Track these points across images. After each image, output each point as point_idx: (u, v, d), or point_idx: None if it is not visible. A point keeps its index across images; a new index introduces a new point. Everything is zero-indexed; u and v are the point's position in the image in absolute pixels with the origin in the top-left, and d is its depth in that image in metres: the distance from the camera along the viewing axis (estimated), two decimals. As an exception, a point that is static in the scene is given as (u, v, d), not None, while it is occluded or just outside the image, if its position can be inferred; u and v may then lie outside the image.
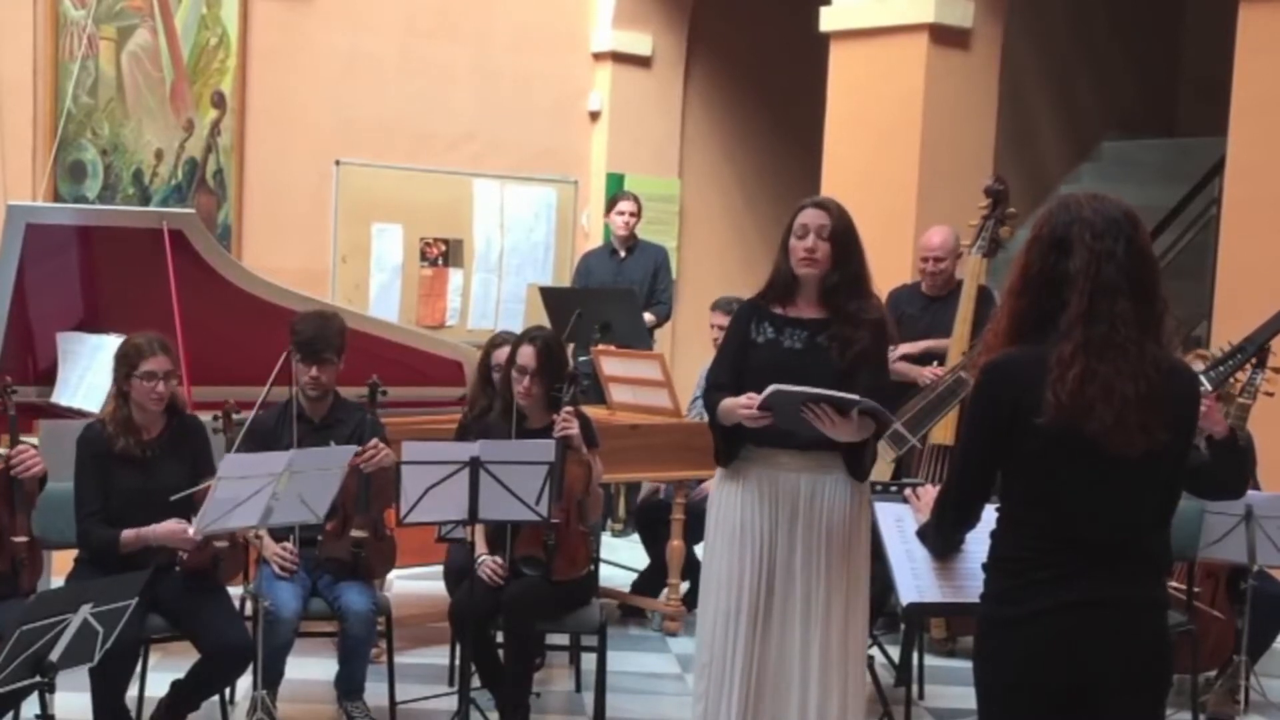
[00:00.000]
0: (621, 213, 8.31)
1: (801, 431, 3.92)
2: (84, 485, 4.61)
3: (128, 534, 4.50)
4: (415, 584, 6.70)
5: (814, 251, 4.05)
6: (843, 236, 4.08)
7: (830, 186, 8.48)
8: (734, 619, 4.08)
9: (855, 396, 3.84)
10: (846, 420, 3.84)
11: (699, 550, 5.05)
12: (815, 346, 4.05)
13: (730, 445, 4.14)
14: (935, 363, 6.28)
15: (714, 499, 4.24)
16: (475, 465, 4.41)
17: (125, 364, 4.63)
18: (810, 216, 4.08)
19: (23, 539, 4.38)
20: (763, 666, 4.09)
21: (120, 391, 4.66)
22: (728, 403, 4.01)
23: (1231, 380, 5.20)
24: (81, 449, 4.64)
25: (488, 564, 4.84)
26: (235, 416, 4.84)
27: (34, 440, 5.30)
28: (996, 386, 2.85)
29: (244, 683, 4.73)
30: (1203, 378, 3.60)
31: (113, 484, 4.61)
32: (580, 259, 8.84)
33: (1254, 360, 5.28)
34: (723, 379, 4.11)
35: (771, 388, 3.84)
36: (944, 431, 5.99)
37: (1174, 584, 5.29)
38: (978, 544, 3.05)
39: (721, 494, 4.19)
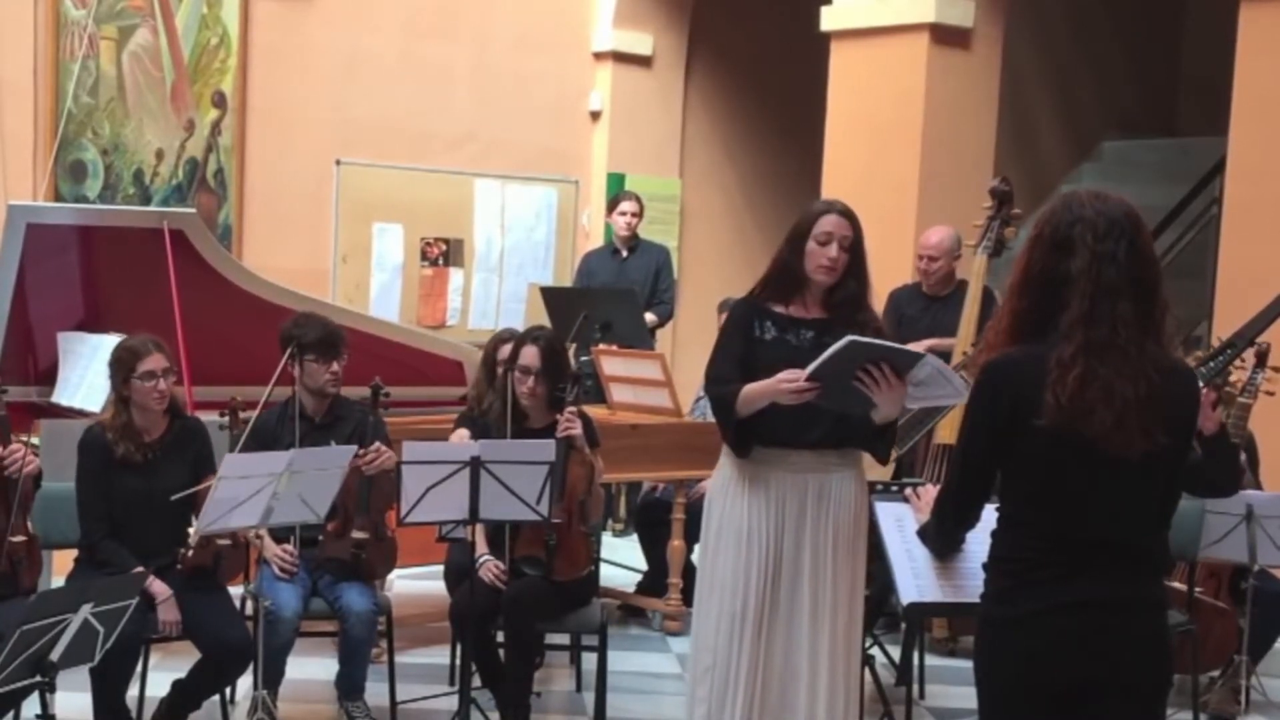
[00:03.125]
0: (624, 213, 8.30)
1: (849, 409, 3.86)
2: (87, 491, 4.61)
3: (141, 573, 4.36)
4: (416, 584, 6.71)
5: (836, 261, 4.01)
6: (859, 247, 4.07)
7: (830, 186, 8.48)
8: (739, 622, 4.04)
9: (922, 352, 3.79)
10: (901, 386, 3.78)
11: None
12: (822, 346, 4.00)
13: (746, 438, 4.07)
14: (938, 362, 6.27)
15: (715, 500, 4.18)
16: (476, 465, 4.42)
17: (123, 368, 4.62)
18: (835, 225, 4.02)
19: (21, 538, 4.37)
20: (768, 669, 4.07)
21: (120, 397, 4.64)
22: (756, 387, 3.92)
23: (1232, 380, 5.21)
24: (83, 455, 4.63)
25: (489, 567, 4.84)
26: (242, 415, 4.84)
27: (34, 440, 5.31)
28: (996, 386, 2.84)
29: (244, 683, 4.74)
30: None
31: (114, 488, 4.61)
32: (582, 259, 8.84)
33: (1255, 360, 5.29)
34: (727, 374, 4.04)
35: (848, 339, 3.73)
36: (947, 431, 5.99)
37: (1175, 584, 5.30)
38: (978, 544, 3.04)
39: (725, 496, 4.14)
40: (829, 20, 8.61)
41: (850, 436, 4.06)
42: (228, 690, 4.79)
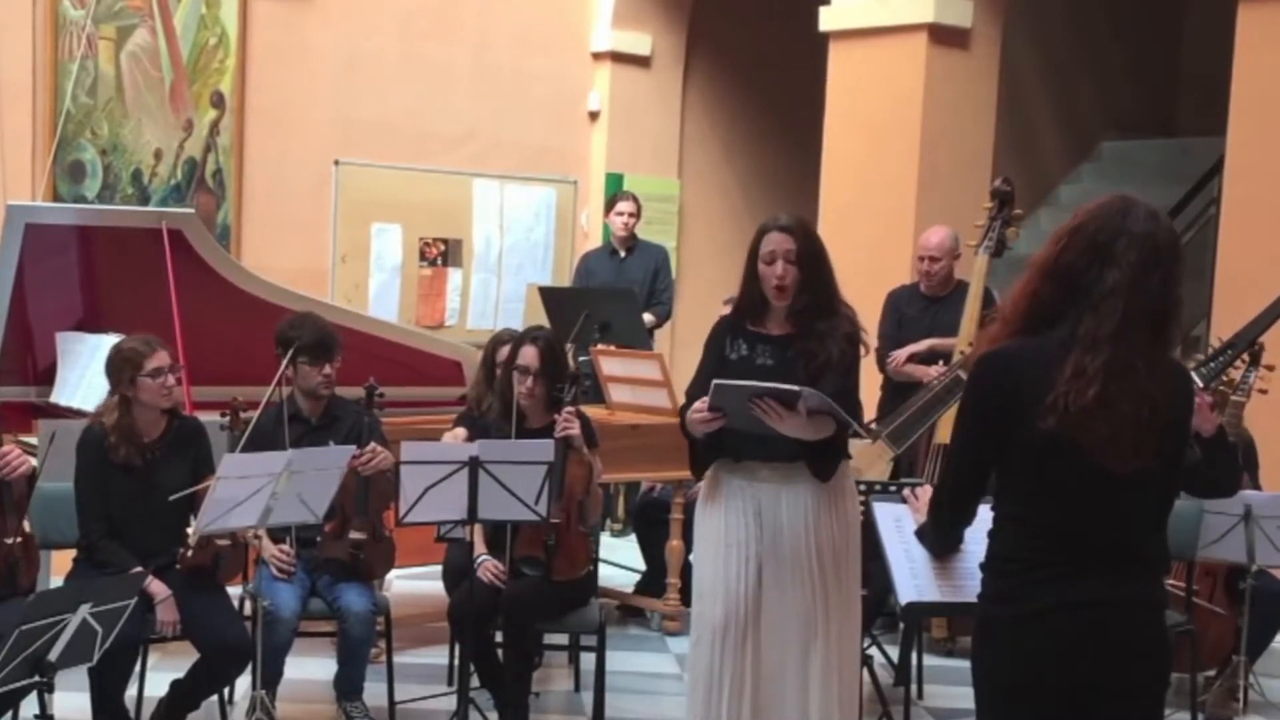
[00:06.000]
0: (621, 213, 8.30)
1: (754, 430, 3.89)
2: (86, 491, 4.60)
3: (140, 573, 4.35)
4: (415, 584, 6.71)
5: (784, 278, 4.02)
6: (810, 259, 4.05)
7: (829, 186, 8.48)
8: (720, 632, 4.06)
9: (798, 388, 3.81)
10: (795, 414, 3.81)
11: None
12: (785, 361, 4.04)
13: (704, 456, 4.14)
14: (940, 362, 6.28)
15: (698, 511, 4.26)
16: (475, 465, 4.41)
17: (129, 368, 4.60)
18: (776, 241, 4.04)
19: (17, 539, 4.37)
20: (756, 679, 4.07)
21: (123, 398, 4.62)
22: (689, 413, 4.02)
23: (1225, 379, 5.20)
24: (82, 454, 4.62)
25: (488, 566, 4.84)
26: (243, 415, 4.84)
27: (32, 440, 5.32)
28: (991, 380, 2.82)
29: (243, 683, 4.73)
30: (1193, 374, 3.58)
31: (113, 488, 4.60)
32: (581, 259, 8.84)
33: (1247, 358, 5.29)
34: (697, 394, 4.07)
35: (714, 383, 3.85)
36: (947, 430, 5.97)
37: (1173, 583, 5.30)
38: (977, 543, 3.03)
39: (705, 507, 4.19)
40: (828, 20, 8.61)
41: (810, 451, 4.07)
42: (226, 690, 4.78)
